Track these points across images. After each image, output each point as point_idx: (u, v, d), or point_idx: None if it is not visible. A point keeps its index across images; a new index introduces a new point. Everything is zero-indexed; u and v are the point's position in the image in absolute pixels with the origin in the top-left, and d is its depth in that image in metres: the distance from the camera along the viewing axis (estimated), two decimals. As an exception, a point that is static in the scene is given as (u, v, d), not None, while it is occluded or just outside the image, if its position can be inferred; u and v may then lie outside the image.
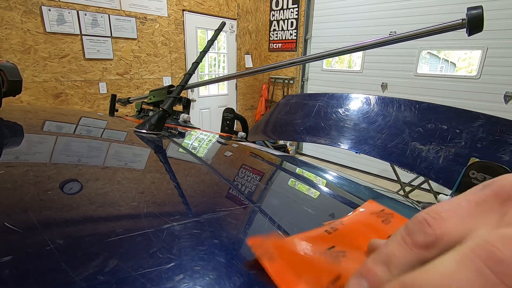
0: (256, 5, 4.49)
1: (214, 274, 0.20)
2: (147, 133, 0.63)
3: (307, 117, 1.54)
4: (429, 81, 3.26)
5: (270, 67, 0.69)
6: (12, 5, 2.43)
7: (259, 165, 0.55)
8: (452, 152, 1.07)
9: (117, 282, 0.17)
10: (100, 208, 0.27)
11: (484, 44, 2.83)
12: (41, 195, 0.28)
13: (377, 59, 3.59)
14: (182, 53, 3.73)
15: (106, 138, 0.61)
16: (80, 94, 2.97)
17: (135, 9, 3.17)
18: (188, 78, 0.77)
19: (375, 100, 1.41)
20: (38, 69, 2.66)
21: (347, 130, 1.38)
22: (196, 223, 0.26)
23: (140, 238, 0.22)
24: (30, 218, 0.24)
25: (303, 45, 4.28)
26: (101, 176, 0.36)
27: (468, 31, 0.44)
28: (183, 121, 0.95)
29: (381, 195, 0.54)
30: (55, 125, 0.68)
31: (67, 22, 2.72)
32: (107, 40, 3.02)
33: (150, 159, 0.47)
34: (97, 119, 0.82)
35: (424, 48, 3.26)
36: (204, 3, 3.81)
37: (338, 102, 1.52)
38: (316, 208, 0.39)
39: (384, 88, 3.63)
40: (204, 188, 0.37)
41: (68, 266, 0.18)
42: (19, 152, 0.41)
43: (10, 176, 0.32)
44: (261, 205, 0.35)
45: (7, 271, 0.17)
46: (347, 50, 0.57)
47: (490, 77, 2.87)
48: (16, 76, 0.70)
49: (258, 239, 0.22)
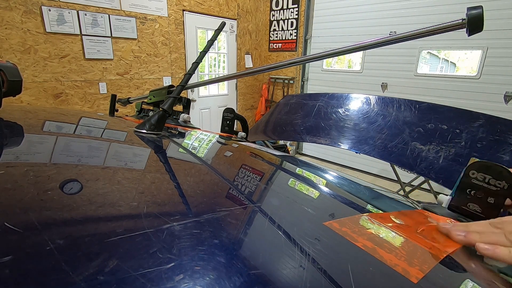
0: (256, 5, 4.48)
1: (214, 274, 0.20)
2: (147, 133, 0.63)
3: (307, 117, 1.54)
4: (429, 81, 3.26)
5: (270, 67, 0.69)
6: (12, 5, 2.43)
7: (259, 165, 0.55)
8: (452, 152, 1.07)
9: (117, 282, 0.17)
10: (100, 208, 0.27)
11: (484, 44, 2.83)
12: (41, 195, 0.28)
13: (377, 59, 3.59)
14: (182, 53, 3.73)
15: (106, 138, 0.61)
16: (80, 94, 2.97)
17: (135, 9, 3.17)
18: (188, 78, 0.77)
19: (375, 100, 1.41)
20: (38, 69, 2.66)
21: (347, 130, 1.38)
22: (196, 223, 0.26)
23: (140, 238, 0.22)
24: (30, 218, 0.24)
25: (303, 45, 4.28)
26: (101, 176, 0.36)
27: (468, 31, 0.44)
28: (183, 121, 0.95)
29: (381, 195, 0.54)
30: (55, 125, 0.68)
31: (67, 22, 2.72)
32: (107, 40, 3.02)
33: (150, 159, 0.47)
34: (97, 119, 0.82)
35: (424, 48, 3.26)
36: (204, 3, 3.81)
37: (338, 102, 1.52)
38: (316, 208, 0.39)
39: (384, 88, 3.63)
40: (204, 188, 0.37)
41: (68, 266, 0.18)
42: (19, 152, 0.41)
43: (10, 176, 0.32)
44: (261, 205, 0.35)
45: (7, 271, 0.17)
46: (347, 50, 0.57)
47: (490, 77, 2.87)
48: (16, 76, 0.70)
49: (336, 222, 0.31)
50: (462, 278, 0.28)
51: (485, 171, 0.37)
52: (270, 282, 0.21)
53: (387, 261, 0.25)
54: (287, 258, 0.24)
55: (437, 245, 0.30)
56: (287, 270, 0.23)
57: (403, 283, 0.23)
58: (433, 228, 0.35)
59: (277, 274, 0.22)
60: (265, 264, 0.23)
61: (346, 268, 0.24)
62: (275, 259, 0.24)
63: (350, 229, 0.30)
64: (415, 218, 0.38)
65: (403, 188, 2.59)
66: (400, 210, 0.45)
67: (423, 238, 0.31)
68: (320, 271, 0.23)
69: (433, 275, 0.25)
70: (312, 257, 0.24)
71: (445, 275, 0.26)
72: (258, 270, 0.22)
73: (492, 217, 0.37)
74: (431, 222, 0.37)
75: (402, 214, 0.40)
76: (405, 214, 0.40)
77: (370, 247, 0.27)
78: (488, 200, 0.37)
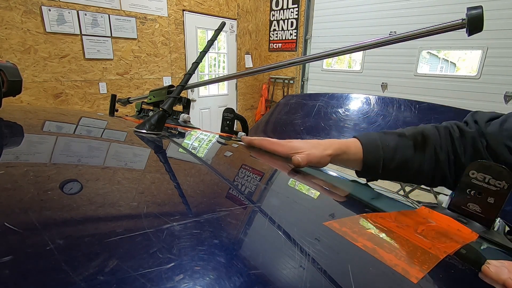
0: (256, 5, 4.48)
1: (214, 274, 0.20)
2: (147, 133, 0.63)
3: (307, 117, 1.54)
4: (429, 81, 3.26)
5: (270, 67, 0.69)
6: (12, 5, 2.43)
7: (259, 165, 0.55)
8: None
9: (117, 282, 0.17)
10: (100, 208, 0.27)
11: (484, 44, 2.83)
12: (41, 195, 0.28)
13: (377, 59, 3.59)
14: (182, 53, 3.73)
15: (106, 138, 0.61)
16: (80, 94, 2.97)
17: (135, 9, 3.17)
18: (188, 78, 0.77)
19: (375, 100, 1.41)
20: (38, 69, 2.66)
21: (347, 130, 1.38)
22: (196, 223, 0.26)
23: (140, 238, 0.22)
24: (30, 218, 0.24)
25: (303, 45, 4.28)
26: (101, 176, 0.36)
27: (468, 31, 0.44)
28: (183, 121, 0.95)
29: (381, 195, 0.54)
30: (55, 125, 0.68)
31: (67, 22, 2.72)
32: (107, 40, 3.02)
33: (150, 159, 0.47)
34: (97, 119, 0.82)
35: (424, 48, 3.26)
36: (204, 3, 3.81)
37: (338, 102, 1.52)
38: (316, 208, 0.39)
39: (384, 88, 3.63)
40: (204, 188, 0.37)
41: (68, 266, 0.18)
42: (19, 152, 0.41)
43: (10, 176, 0.32)
44: (261, 205, 0.35)
45: (7, 271, 0.17)
46: (347, 50, 0.57)
47: (490, 77, 2.87)
48: (16, 76, 0.70)
49: (336, 222, 0.31)
50: (462, 278, 0.28)
51: (485, 171, 0.37)
52: (270, 282, 0.21)
53: (387, 261, 0.25)
54: (287, 258, 0.24)
55: (437, 245, 0.30)
56: (287, 270, 0.23)
57: (403, 283, 0.23)
58: (433, 228, 0.35)
59: (277, 274, 0.22)
60: (265, 264, 0.23)
61: (346, 268, 0.24)
62: (275, 259, 0.24)
63: (350, 229, 0.30)
64: (415, 218, 0.38)
65: (403, 188, 2.59)
66: (400, 210, 0.45)
67: (423, 238, 0.31)
68: (320, 271, 0.23)
69: (433, 275, 0.25)
70: (312, 257, 0.24)
71: (445, 275, 0.26)
72: (258, 270, 0.22)
73: (492, 217, 0.37)
74: (431, 222, 0.37)
75: (402, 214, 0.40)
76: (405, 214, 0.40)
77: (370, 247, 0.27)
78: (488, 200, 0.37)
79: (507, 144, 0.46)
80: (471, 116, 0.54)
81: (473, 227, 0.37)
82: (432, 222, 0.38)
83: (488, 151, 0.49)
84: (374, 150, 0.55)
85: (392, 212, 0.39)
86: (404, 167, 0.55)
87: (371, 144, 0.55)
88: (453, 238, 0.33)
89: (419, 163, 0.54)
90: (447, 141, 0.53)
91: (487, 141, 0.49)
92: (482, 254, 0.34)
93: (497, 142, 0.48)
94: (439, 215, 0.39)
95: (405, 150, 0.54)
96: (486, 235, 0.36)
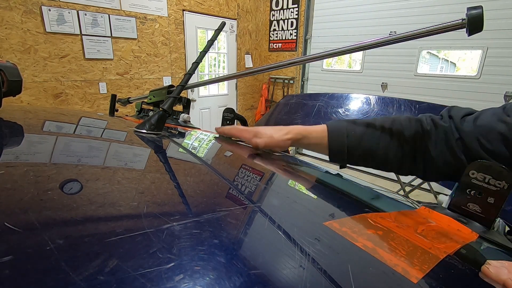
0: (256, 5, 4.48)
1: (214, 274, 0.20)
2: (147, 133, 0.63)
3: (307, 117, 1.54)
4: (429, 81, 3.26)
5: (270, 67, 0.69)
6: (12, 5, 2.43)
7: (259, 165, 0.55)
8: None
9: (117, 282, 0.17)
10: (100, 208, 0.27)
11: (484, 44, 2.83)
12: (41, 195, 0.28)
13: (377, 59, 3.59)
14: (182, 53, 3.73)
15: (106, 138, 0.61)
16: (80, 94, 2.97)
17: (135, 9, 3.17)
18: (188, 78, 0.77)
19: (375, 100, 1.41)
20: (38, 69, 2.66)
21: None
22: (196, 223, 0.26)
23: (140, 238, 0.22)
24: (30, 218, 0.24)
25: (303, 45, 4.28)
26: (101, 176, 0.36)
27: (468, 31, 0.44)
28: (183, 121, 0.95)
29: (381, 195, 0.54)
30: (55, 125, 0.68)
31: (67, 22, 2.72)
32: (107, 40, 3.02)
33: (150, 159, 0.47)
34: (97, 119, 0.82)
35: (424, 48, 3.26)
36: (204, 3, 3.81)
37: (338, 102, 1.52)
38: (316, 208, 0.39)
39: (384, 88, 3.63)
40: (204, 188, 0.37)
41: (68, 266, 0.18)
42: (19, 152, 0.41)
43: (10, 176, 0.32)
44: (261, 205, 0.35)
45: (7, 271, 0.17)
46: (347, 50, 0.57)
47: (490, 77, 2.87)
48: (16, 76, 0.70)
49: (336, 223, 0.31)
50: (462, 278, 0.28)
51: (485, 171, 0.37)
52: (270, 282, 0.21)
53: (387, 261, 0.25)
54: (287, 258, 0.24)
55: (437, 245, 0.30)
56: (287, 270, 0.23)
57: (403, 283, 0.23)
58: (433, 228, 0.35)
59: (277, 274, 0.22)
60: (265, 264, 0.23)
61: (346, 268, 0.24)
62: (275, 259, 0.24)
63: (350, 229, 0.30)
64: (415, 218, 0.38)
65: (403, 188, 2.59)
66: (400, 210, 0.45)
67: (423, 238, 0.31)
68: (320, 271, 0.23)
69: (433, 275, 0.25)
70: (312, 257, 0.24)
71: (445, 275, 0.26)
72: (258, 270, 0.22)
73: (492, 217, 0.37)
74: (431, 222, 0.37)
75: (402, 214, 0.40)
76: (405, 214, 0.40)
77: (370, 247, 0.27)
78: (488, 200, 0.37)
79: (479, 139, 0.48)
80: (447, 110, 0.55)
81: (473, 227, 0.37)
82: (432, 222, 0.38)
83: (461, 145, 0.50)
84: (339, 137, 0.57)
85: (392, 212, 0.39)
86: (370, 155, 0.57)
87: (337, 131, 0.58)
88: (453, 238, 0.33)
89: (384, 151, 0.56)
90: (416, 133, 0.54)
91: (461, 136, 0.50)
92: (482, 254, 0.34)
93: (470, 137, 0.49)
94: (439, 215, 0.39)
95: (371, 139, 0.56)
96: (486, 235, 0.36)
